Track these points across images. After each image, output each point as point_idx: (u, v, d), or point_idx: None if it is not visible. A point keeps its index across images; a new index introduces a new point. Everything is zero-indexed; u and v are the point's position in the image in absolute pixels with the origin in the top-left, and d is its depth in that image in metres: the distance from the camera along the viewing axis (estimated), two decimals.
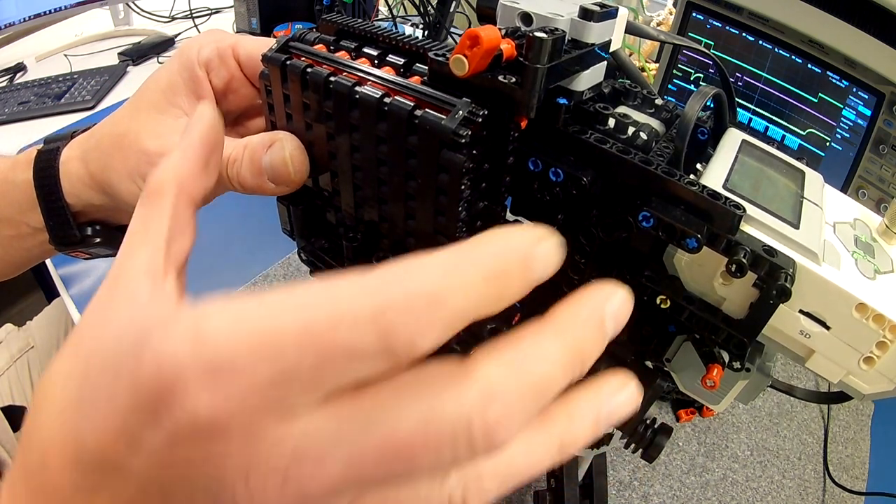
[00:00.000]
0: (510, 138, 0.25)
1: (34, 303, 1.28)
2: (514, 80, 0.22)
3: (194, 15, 1.35)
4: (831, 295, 0.24)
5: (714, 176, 0.26)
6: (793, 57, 0.65)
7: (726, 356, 0.28)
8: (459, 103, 0.23)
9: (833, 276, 0.24)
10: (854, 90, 0.61)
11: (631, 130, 0.27)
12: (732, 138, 0.30)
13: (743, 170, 0.28)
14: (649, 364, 0.31)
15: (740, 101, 0.72)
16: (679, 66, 0.77)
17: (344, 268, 0.33)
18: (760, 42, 0.67)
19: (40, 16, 1.14)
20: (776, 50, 0.66)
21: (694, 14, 0.72)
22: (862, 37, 0.58)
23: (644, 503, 0.54)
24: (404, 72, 0.26)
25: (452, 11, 1.01)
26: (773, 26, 0.65)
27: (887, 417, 0.66)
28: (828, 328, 0.24)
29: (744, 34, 0.69)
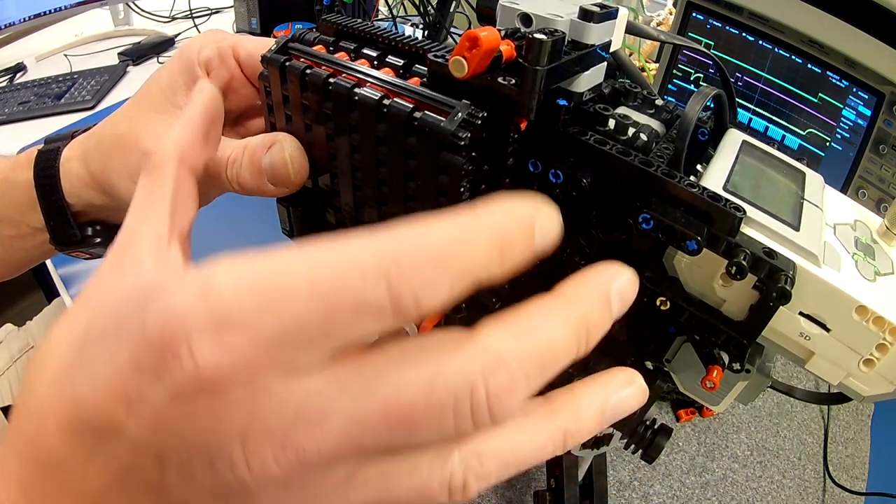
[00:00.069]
0: (510, 140, 0.25)
1: (34, 303, 1.28)
2: (514, 82, 0.22)
3: (194, 15, 1.35)
4: (831, 297, 0.24)
5: (714, 177, 0.26)
6: (793, 57, 0.65)
7: (726, 357, 0.28)
8: (459, 105, 0.23)
9: (833, 279, 0.24)
10: (854, 90, 0.61)
11: (631, 131, 0.27)
12: (733, 139, 0.30)
13: (743, 171, 0.28)
14: (649, 365, 0.31)
15: (740, 102, 0.72)
16: (679, 66, 0.77)
17: None
18: (760, 42, 0.67)
19: (40, 16, 1.14)
20: (776, 50, 0.66)
21: (694, 14, 0.72)
22: (862, 37, 0.58)
23: (644, 503, 0.54)
24: (404, 73, 0.26)
25: (452, 12, 1.01)
26: (773, 26, 0.65)
27: (887, 417, 0.66)
28: (828, 330, 0.24)
29: (744, 34, 0.69)
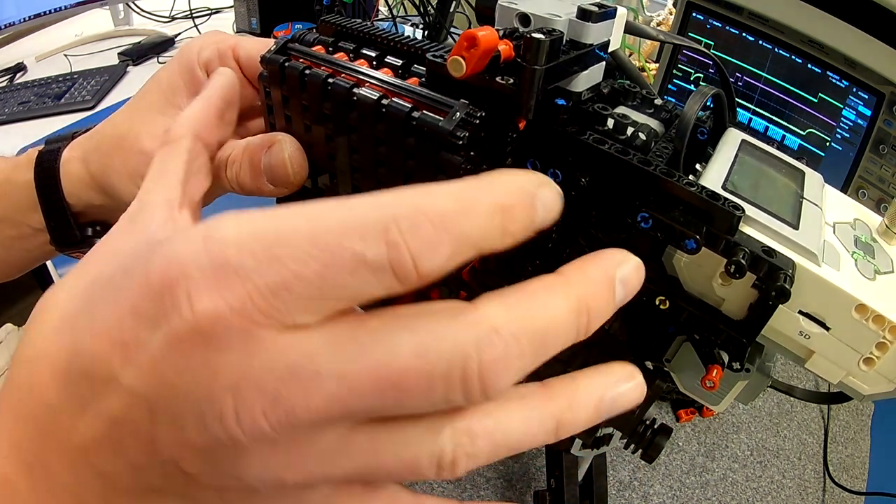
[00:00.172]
0: (508, 139, 0.25)
1: (34, 303, 1.28)
2: (512, 82, 0.22)
3: (194, 15, 1.35)
4: (831, 296, 0.24)
5: (713, 176, 0.26)
6: (793, 57, 0.65)
7: (726, 357, 0.28)
8: (457, 105, 0.23)
9: (832, 277, 0.24)
10: (854, 90, 0.61)
11: (630, 131, 0.27)
12: (732, 138, 0.30)
13: (742, 170, 0.27)
14: (649, 364, 0.31)
15: (740, 101, 0.72)
16: (679, 66, 0.77)
17: None
18: (760, 42, 0.67)
19: (40, 16, 1.14)
20: (776, 50, 0.66)
21: (694, 14, 0.72)
22: (862, 37, 0.58)
23: (644, 503, 0.54)
24: (402, 73, 0.26)
25: (452, 11, 1.01)
26: (773, 26, 0.65)
27: (887, 417, 0.66)
28: (827, 329, 0.24)
29: (744, 34, 0.69)
